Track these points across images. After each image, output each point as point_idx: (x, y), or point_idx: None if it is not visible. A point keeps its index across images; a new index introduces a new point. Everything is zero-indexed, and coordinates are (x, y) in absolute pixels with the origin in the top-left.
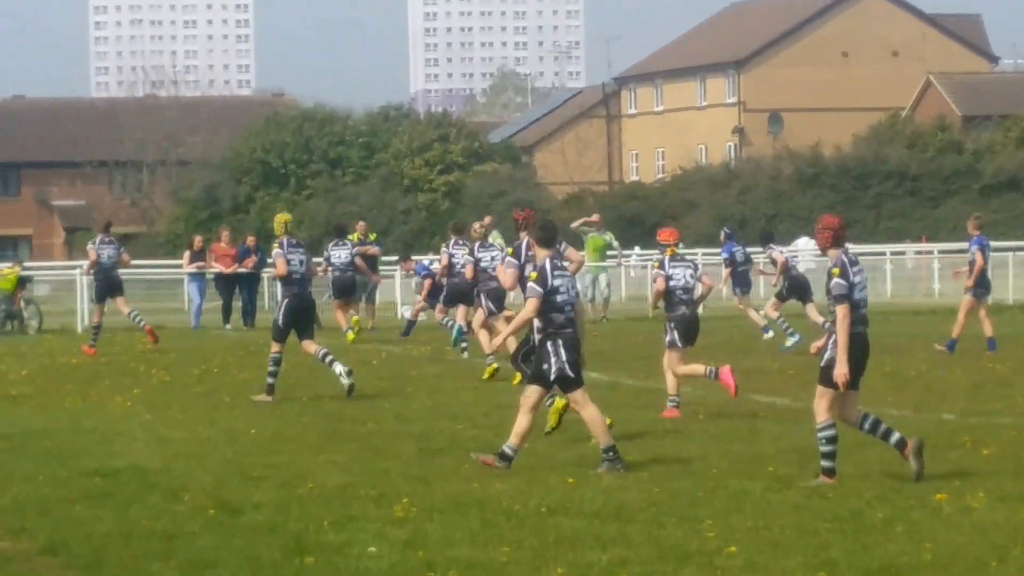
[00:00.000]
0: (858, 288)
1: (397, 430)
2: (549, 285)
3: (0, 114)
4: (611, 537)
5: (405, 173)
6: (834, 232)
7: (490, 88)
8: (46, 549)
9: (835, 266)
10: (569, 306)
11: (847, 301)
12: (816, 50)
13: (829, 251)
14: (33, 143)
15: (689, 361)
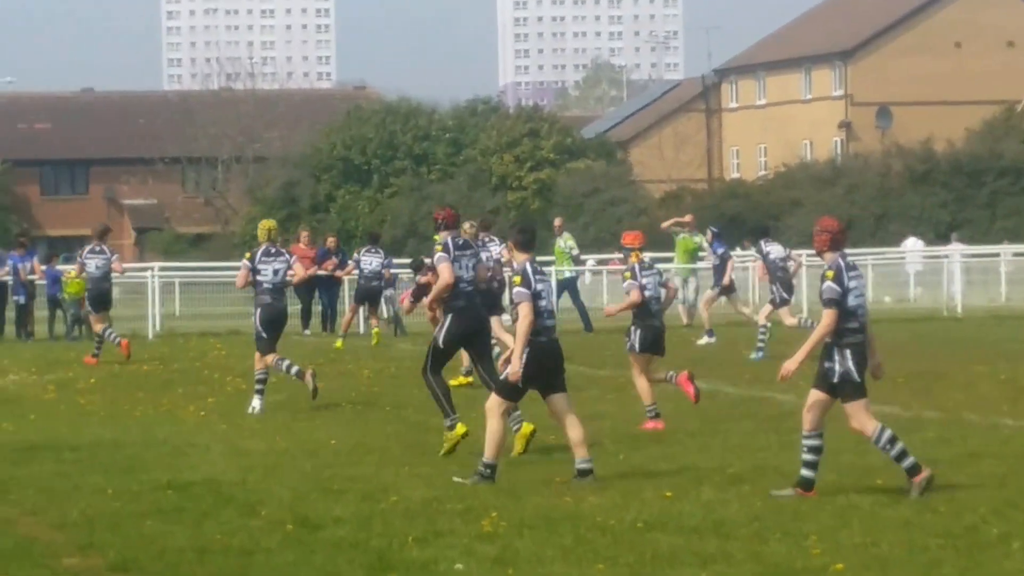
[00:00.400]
0: (854, 294)
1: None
2: (533, 288)
3: (68, 108)
4: (711, 554)
5: (493, 170)
6: (832, 235)
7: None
8: (116, 566)
9: (830, 269)
10: (548, 312)
11: (836, 307)
12: (927, 40)
13: (826, 254)
14: (102, 139)
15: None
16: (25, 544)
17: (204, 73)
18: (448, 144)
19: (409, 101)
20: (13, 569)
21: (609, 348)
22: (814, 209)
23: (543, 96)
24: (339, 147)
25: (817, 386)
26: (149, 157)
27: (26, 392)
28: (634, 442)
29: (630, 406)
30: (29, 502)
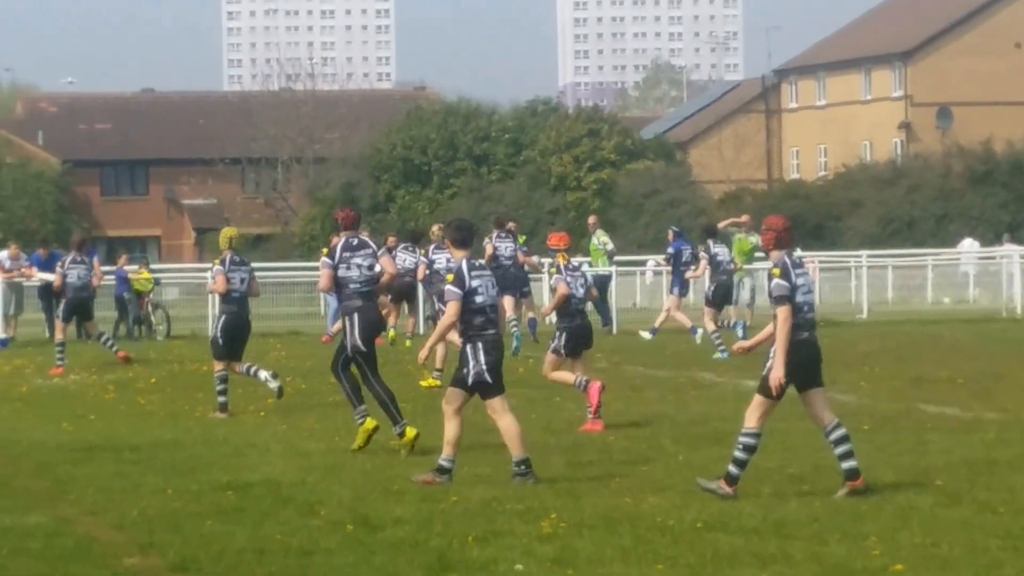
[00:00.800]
0: (802, 291)
1: (544, 442)
2: (467, 286)
3: (129, 109)
4: (771, 554)
5: (553, 171)
6: (777, 234)
7: (643, 81)
8: (176, 566)
9: (776, 267)
10: (490, 307)
11: (788, 303)
12: (988, 40)
13: (772, 253)
14: (162, 139)
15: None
16: (85, 544)
17: (264, 74)
18: (508, 144)
19: (469, 102)
20: (73, 569)
21: (668, 349)
22: (874, 210)
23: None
24: (399, 147)
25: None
26: (209, 158)
27: (86, 392)
28: (693, 442)
29: (689, 407)
30: (89, 502)
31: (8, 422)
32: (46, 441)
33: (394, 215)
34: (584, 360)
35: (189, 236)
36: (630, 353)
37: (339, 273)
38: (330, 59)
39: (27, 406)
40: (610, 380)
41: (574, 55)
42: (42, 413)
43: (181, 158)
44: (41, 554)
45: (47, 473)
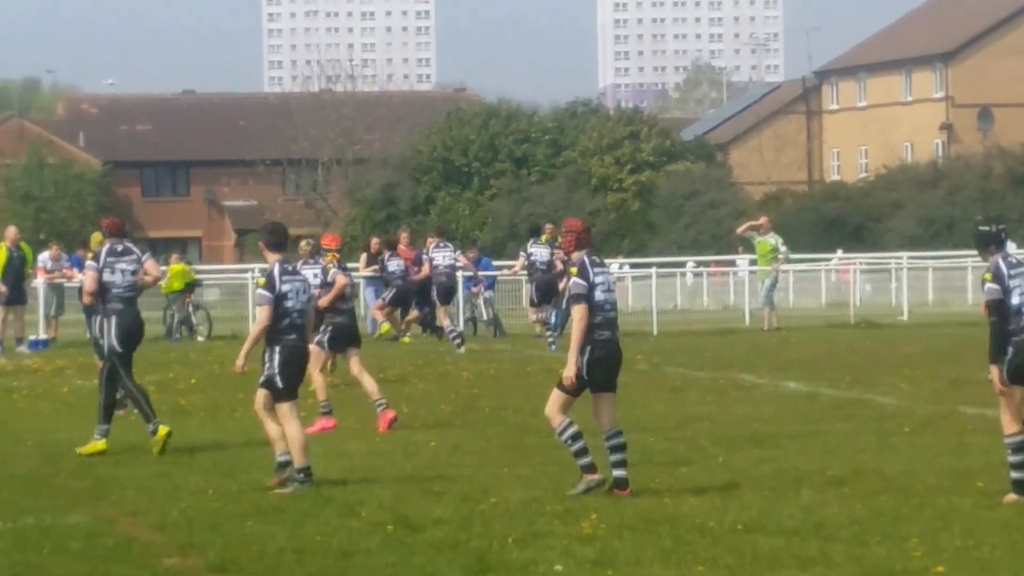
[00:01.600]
0: (601, 288)
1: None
2: (277, 290)
3: (169, 110)
4: (811, 556)
5: (593, 172)
6: (577, 235)
7: (683, 82)
8: (216, 566)
9: (574, 266)
10: (297, 312)
11: (584, 301)
12: None
13: (572, 254)
14: (203, 141)
15: (369, 372)
16: (125, 544)
17: (304, 75)
18: (548, 146)
19: (509, 103)
20: (114, 569)
21: (708, 350)
22: (915, 211)
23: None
24: (439, 149)
25: None
26: (249, 159)
27: None
28: (733, 444)
29: (730, 408)
30: (130, 502)
31: (49, 422)
32: (87, 441)
33: (434, 216)
34: (356, 357)
35: (230, 237)
36: (671, 354)
37: (103, 278)
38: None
39: (68, 407)
40: (651, 381)
41: (614, 56)
42: (83, 413)
43: (222, 159)
44: (82, 554)
45: (88, 473)
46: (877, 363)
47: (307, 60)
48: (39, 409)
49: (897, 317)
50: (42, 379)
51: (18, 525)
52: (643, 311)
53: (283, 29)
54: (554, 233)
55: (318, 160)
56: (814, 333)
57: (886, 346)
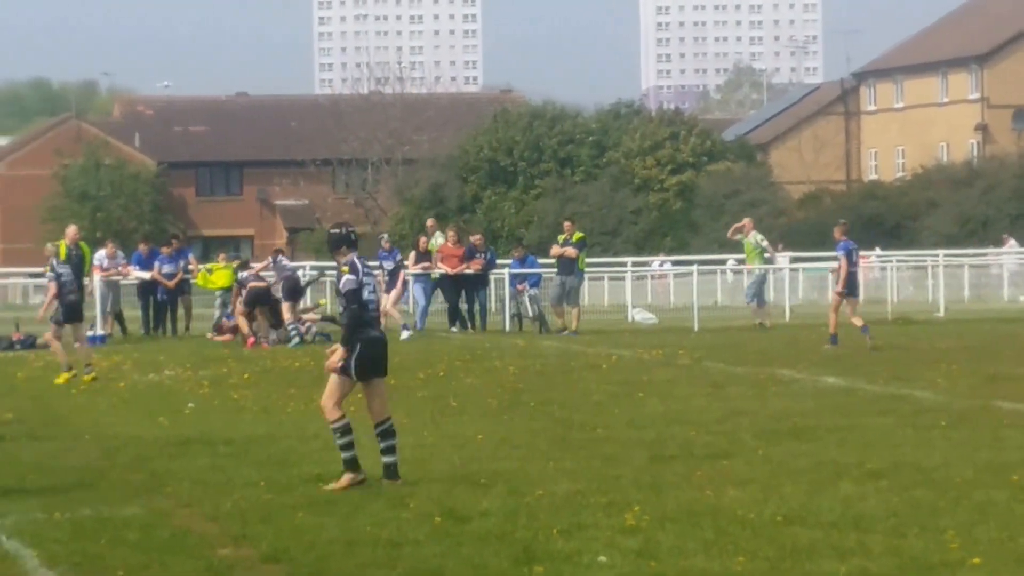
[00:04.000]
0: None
1: (628, 436)
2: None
3: (223, 112)
4: (849, 547)
5: (636, 172)
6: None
7: (724, 84)
8: (268, 556)
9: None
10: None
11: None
12: None
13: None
14: (256, 142)
15: None
16: (180, 535)
17: (354, 78)
18: (592, 147)
19: (554, 105)
20: (169, 559)
21: (749, 346)
22: (951, 210)
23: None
24: (486, 149)
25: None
26: (301, 159)
27: (181, 387)
28: (773, 437)
29: (770, 402)
30: (184, 494)
31: (106, 417)
32: (142, 435)
33: (480, 215)
34: None
35: (281, 236)
36: (711, 350)
37: None
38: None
39: (124, 401)
40: (692, 376)
41: (656, 59)
42: (139, 408)
43: (274, 159)
44: (138, 544)
45: (143, 466)
46: (914, 359)
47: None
48: (96, 404)
49: (933, 313)
50: (99, 374)
51: (76, 516)
52: (684, 307)
53: (333, 33)
54: (572, 231)
55: (367, 160)
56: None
57: (923, 342)
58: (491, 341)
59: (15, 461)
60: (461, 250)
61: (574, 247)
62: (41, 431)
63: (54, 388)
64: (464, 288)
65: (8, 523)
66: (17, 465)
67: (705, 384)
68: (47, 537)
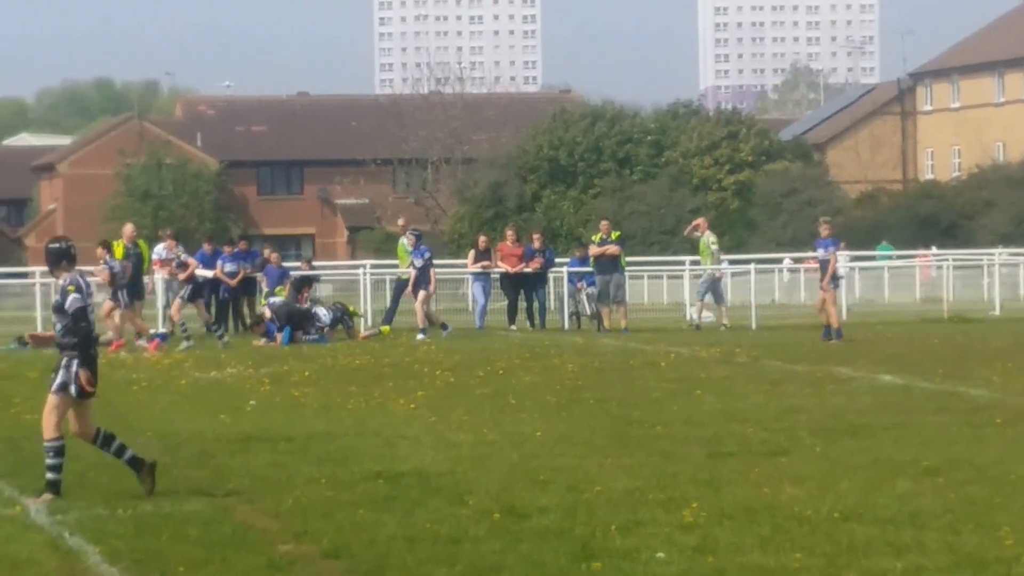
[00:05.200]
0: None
1: (686, 433)
2: None
3: (284, 112)
4: (905, 544)
5: (694, 172)
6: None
7: (782, 84)
8: (329, 553)
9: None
10: None
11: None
12: None
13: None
14: (317, 141)
15: None
16: (242, 531)
17: (415, 77)
18: (650, 146)
19: (613, 105)
20: (231, 554)
21: (806, 344)
22: (1007, 210)
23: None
24: (545, 149)
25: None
26: (361, 158)
27: (243, 385)
28: (830, 435)
29: (826, 400)
30: (246, 491)
31: (168, 413)
32: (204, 432)
33: (540, 214)
34: None
35: (342, 234)
36: (769, 348)
37: None
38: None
39: (186, 398)
40: (749, 374)
41: (715, 59)
42: (200, 405)
43: (334, 159)
44: (200, 540)
45: (205, 462)
46: (970, 357)
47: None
48: (158, 401)
49: (989, 312)
50: (161, 372)
51: (138, 512)
52: (742, 306)
53: (394, 33)
54: (609, 229)
55: (427, 159)
56: (908, 328)
57: (978, 340)
58: (550, 339)
59: (77, 458)
60: (521, 249)
61: (615, 245)
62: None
63: (116, 385)
64: (523, 287)
65: (71, 519)
66: (79, 462)
67: (762, 382)
68: (109, 533)
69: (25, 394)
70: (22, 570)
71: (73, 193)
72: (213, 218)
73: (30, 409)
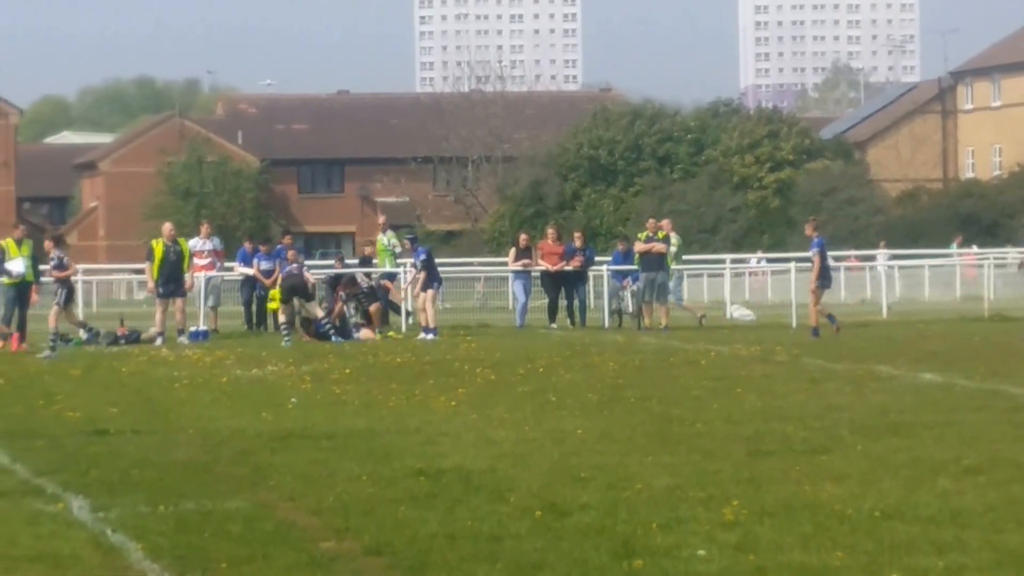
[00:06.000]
0: None
1: (726, 432)
2: None
3: (325, 110)
4: (947, 542)
5: (734, 170)
6: None
7: (822, 83)
8: (370, 549)
9: None
10: None
11: None
12: None
13: None
14: (357, 139)
15: None
16: (284, 529)
17: (455, 76)
18: (690, 145)
19: (653, 103)
20: (273, 551)
21: (847, 343)
22: None
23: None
24: (586, 147)
25: None
26: (402, 157)
27: (284, 383)
28: (872, 433)
29: (868, 398)
30: (287, 488)
31: (209, 411)
32: (246, 429)
33: (580, 212)
34: None
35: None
36: (809, 346)
37: None
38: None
39: (227, 396)
40: (790, 372)
41: (755, 57)
42: (242, 402)
43: (375, 157)
44: (242, 537)
45: (247, 460)
46: (1011, 355)
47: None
48: (199, 398)
49: None
50: (202, 369)
51: (180, 509)
52: (782, 304)
53: (434, 32)
54: (656, 228)
55: (468, 158)
56: (949, 326)
57: (1019, 339)
58: (590, 337)
59: (120, 455)
60: (561, 247)
61: (661, 243)
62: (145, 425)
63: (158, 383)
64: (564, 285)
65: (113, 516)
66: (122, 459)
67: (803, 380)
68: (151, 530)
69: (68, 391)
70: (65, 567)
71: (114, 191)
72: (254, 216)
73: (72, 406)
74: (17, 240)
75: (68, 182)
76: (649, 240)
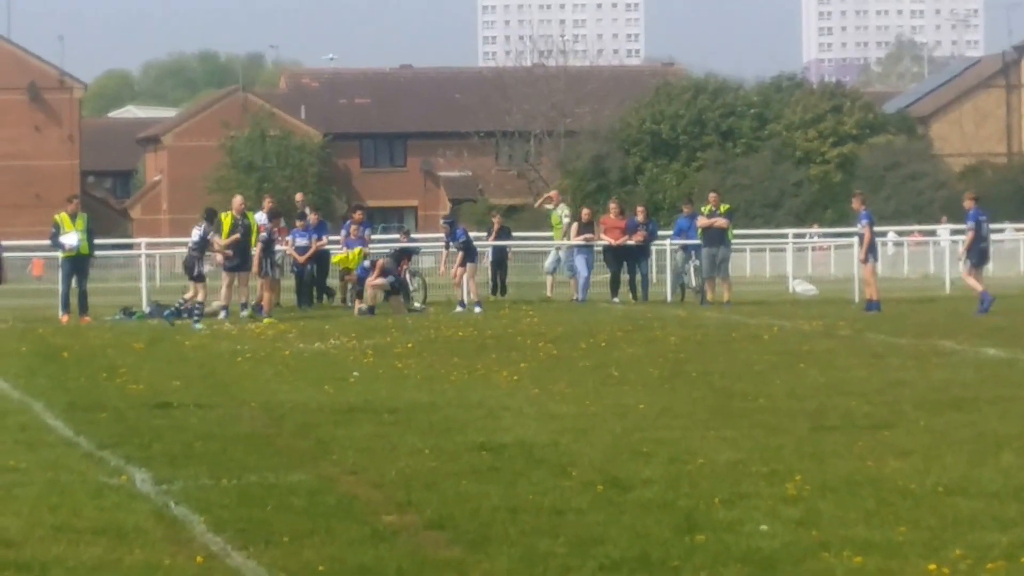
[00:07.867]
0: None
1: (789, 407)
2: None
3: (387, 85)
4: (1011, 518)
5: (797, 145)
6: None
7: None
8: (432, 523)
9: None
10: None
11: None
12: None
13: None
14: (420, 114)
15: None
16: (346, 502)
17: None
18: (753, 119)
19: (716, 78)
20: (335, 525)
21: (910, 318)
22: None
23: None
24: (648, 122)
25: None
26: (464, 131)
27: (346, 356)
28: (935, 408)
29: (930, 373)
30: (349, 462)
31: (272, 384)
32: (308, 403)
33: (643, 187)
34: None
35: (445, 207)
36: (872, 321)
37: None
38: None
39: (290, 369)
40: (853, 347)
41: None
42: (304, 376)
43: (437, 131)
44: (304, 510)
45: (309, 433)
46: None
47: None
48: (262, 372)
49: None
50: (265, 343)
51: (243, 483)
52: (846, 279)
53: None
54: (717, 202)
55: (530, 132)
56: (1013, 301)
57: None
58: (652, 311)
59: (183, 428)
60: (624, 222)
61: (723, 218)
62: (208, 399)
63: (220, 356)
64: (626, 259)
65: (176, 489)
66: (185, 432)
67: (866, 355)
68: (214, 503)
69: (131, 364)
70: (129, 539)
71: (178, 165)
72: (316, 190)
73: (135, 379)
74: (71, 214)
75: (132, 156)
76: (712, 215)
